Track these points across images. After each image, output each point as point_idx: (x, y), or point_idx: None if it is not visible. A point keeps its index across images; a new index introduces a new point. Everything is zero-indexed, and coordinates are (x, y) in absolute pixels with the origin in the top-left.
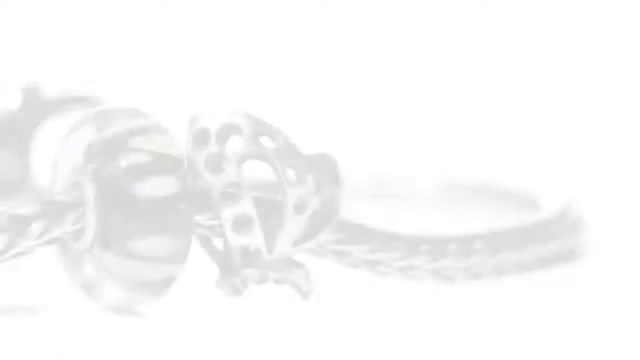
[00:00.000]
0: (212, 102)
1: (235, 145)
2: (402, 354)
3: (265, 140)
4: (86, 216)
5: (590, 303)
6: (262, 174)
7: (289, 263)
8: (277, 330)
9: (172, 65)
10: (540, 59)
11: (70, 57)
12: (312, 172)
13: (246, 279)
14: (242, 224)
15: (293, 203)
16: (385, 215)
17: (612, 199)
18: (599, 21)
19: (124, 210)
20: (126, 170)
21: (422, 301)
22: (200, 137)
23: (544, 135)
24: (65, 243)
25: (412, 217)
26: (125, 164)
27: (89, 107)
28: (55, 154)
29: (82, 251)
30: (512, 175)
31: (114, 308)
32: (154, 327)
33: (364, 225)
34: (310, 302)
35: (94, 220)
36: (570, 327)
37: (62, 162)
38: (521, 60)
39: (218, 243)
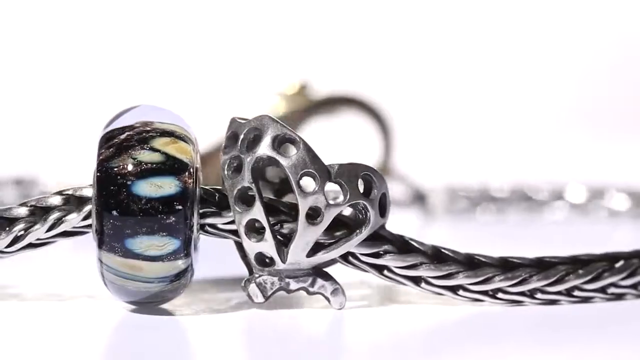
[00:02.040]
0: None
1: (254, 150)
2: None
3: (285, 147)
4: (92, 212)
5: None
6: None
7: (312, 273)
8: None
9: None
10: None
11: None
12: (338, 182)
13: (264, 286)
14: (253, 230)
15: (306, 212)
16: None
17: None
18: None
19: (122, 208)
20: (129, 168)
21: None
22: (231, 141)
23: None
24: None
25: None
26: (131, 162)
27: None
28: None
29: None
30: None
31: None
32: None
33: (408, 240)
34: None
35: (95, 217)
36: None
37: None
38: None
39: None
